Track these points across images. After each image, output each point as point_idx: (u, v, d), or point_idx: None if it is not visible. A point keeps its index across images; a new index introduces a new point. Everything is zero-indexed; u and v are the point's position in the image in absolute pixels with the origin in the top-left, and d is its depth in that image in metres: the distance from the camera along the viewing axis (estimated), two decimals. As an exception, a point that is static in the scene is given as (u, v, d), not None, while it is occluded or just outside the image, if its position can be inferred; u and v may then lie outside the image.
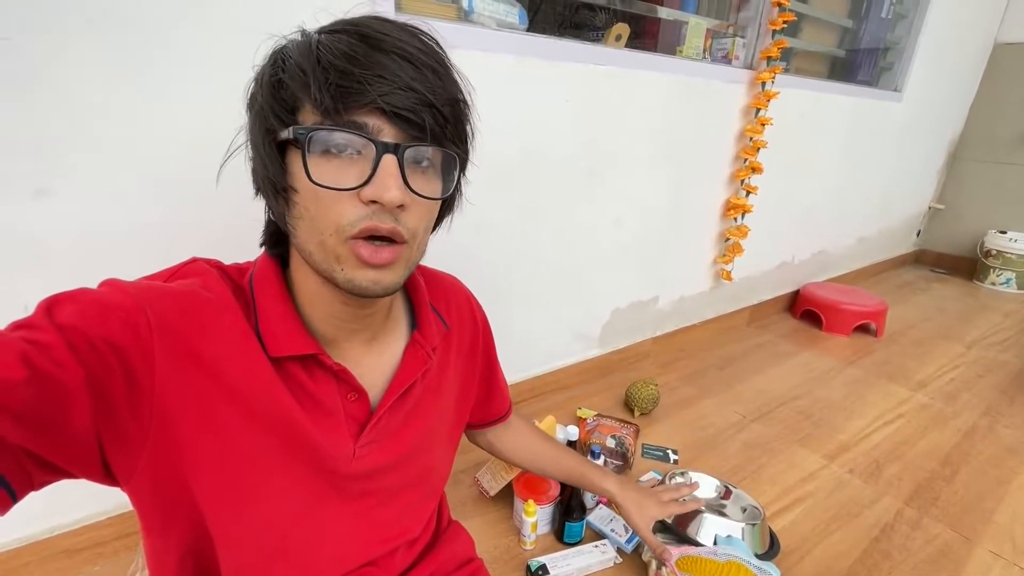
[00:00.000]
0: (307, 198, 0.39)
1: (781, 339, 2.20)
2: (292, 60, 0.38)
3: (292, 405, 0.44)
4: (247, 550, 0.46)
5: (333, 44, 0.37)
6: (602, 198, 1.54)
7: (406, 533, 0.59)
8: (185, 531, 0.44)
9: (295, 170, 0.40)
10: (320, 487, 0.48)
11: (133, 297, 0.37)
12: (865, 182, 2.62)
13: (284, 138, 0.39)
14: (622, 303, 1.76)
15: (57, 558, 0.94)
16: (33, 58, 0.72)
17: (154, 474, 0.39)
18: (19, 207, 0.77)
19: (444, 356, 0.58)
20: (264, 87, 0.40)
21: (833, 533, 1.16)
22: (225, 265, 0.47)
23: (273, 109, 0.39)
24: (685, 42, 1.60)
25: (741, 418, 1.60)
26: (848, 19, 2.25)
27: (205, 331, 0.40)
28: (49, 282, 0.45)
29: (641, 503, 0.86)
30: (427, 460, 0.58)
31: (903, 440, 1.51)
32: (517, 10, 1.20)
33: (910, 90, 2.55)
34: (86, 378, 0.33)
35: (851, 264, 2.88)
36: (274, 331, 0.43)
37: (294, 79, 0.38)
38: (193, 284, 0.42)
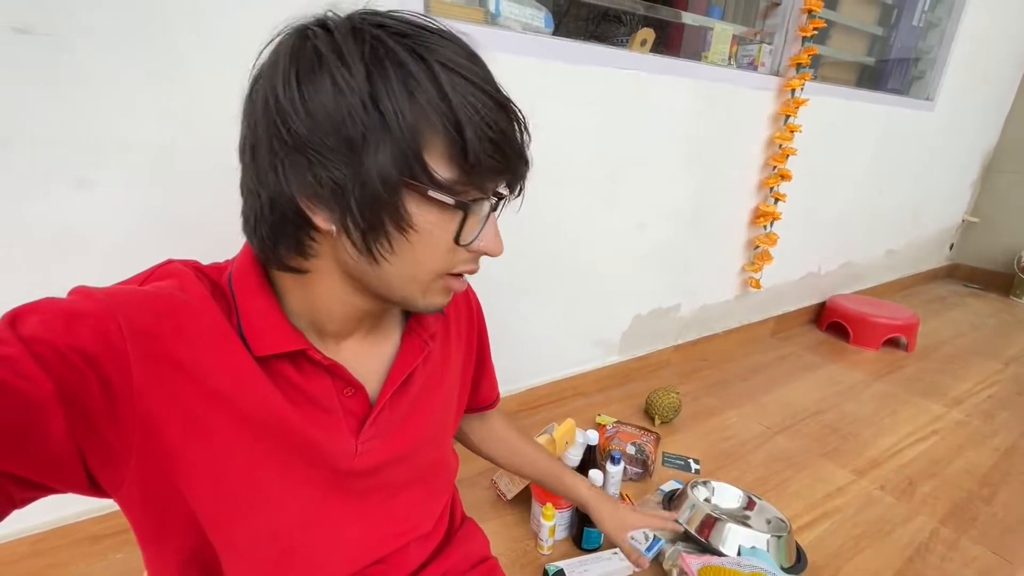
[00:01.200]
0: (422, 239, 0.40)
1: (806, 351, 2.15)
2: (427, 96, 0.36)
3: (283, 404, 0.42)
4: (252, 555, 0.45)
5: (474, 98, 0.36)
6: (625, 203, 1.53)
7: (417, 528, 0.57)
8: (183, 540, 0.42)
9: (411, 209, 0.38)
10: (324, 487, 0.46)
11: (102, 303, 0.35)
12: (895, 193, 2.56)
13: (432, 196, 0.38)
14: (643, 310, 1.74)
15: (83, 543, 0.95)
16: (79, 56, 0.75)
17: (144, 484, 0.38)
18: (58, 197, 0.79)
19: (444, 344, 0.57)
20: (402, 115, 0.36)
21: (864, 551, 1.11)
22: (202, 265, 0.45)
23: (411, 149, 0.36)
24: (710, 48, 1.59)
25: (765, 430, 1.55)
26: (878, 27, 2.22)
27: (183, 334, 0.38)
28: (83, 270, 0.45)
29: (616, 509, 0.83)
30: (435, 452, 0.57)
31: (938, 458, 1.45)
32: (543, 14, 1.21)
33: (942, 100, 2.48)
34: (57, 391, 0.31)
35: (880, 277, 2.81)
36: (257, 329, 0.42)
37: (434, 125, 0.36)
38: (168, 286, 0.40)
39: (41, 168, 0.77)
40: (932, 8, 2.34)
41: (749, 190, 1.87)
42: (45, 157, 0.77)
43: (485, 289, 1.30)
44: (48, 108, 0.76)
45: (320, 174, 0.36)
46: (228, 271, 0.44)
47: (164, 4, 0.79)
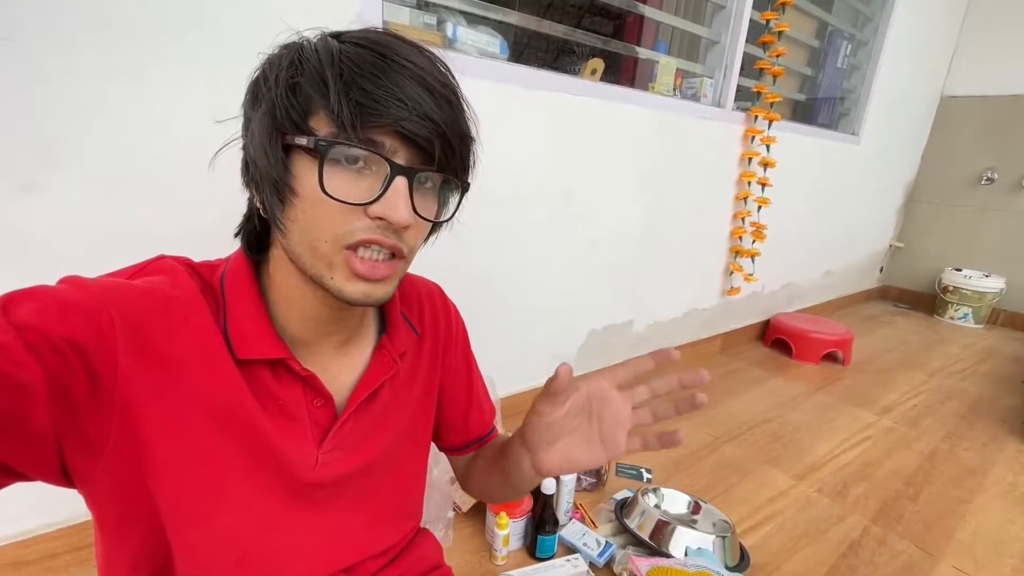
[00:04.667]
0: (308, 203, 0.39)
1: (752, 366, 2.26)
2: (311, 64, 0.38)
3: (255, 409, 0.43)
4: (207, 559, 0.44)
5: (356, 57, 0.37)
6: (578, 222, 1.60)
7: (377, 546, 0.56)
8: (142, 536, 0.42)
9: (299, 173, 0.39)
10: (284, 496, 0.46)
11: (95, 295, 0.36)
12: (831, 219, 2.77)
13: (297, 143, 0.38)
14: (598, 325, 1.80)
15: (3, 571, 0.89)
16: (33, 58, 0.75)
17: (114, 476, 0.38)
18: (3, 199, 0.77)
19: (415, 363, 0.56)
20: (278, 85, 0.38)
21: (802, 549, 1.17)
22: (194, 262, 0.45)
23: (287, 110, 0.38)
24: (657, 79, 1.70)
25: (713, 439, 1.62)
26: (807, 67, 2.43)
27: (170, 330, 0.39)
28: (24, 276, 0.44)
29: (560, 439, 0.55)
30: (396, 472, 0.56)
31: (869, 461, 1.55)
32: (498, 41, 1.27)
33: (866, 135, 2.73)
34: (46, 379, 0.32)
35: (818, 297, 3.00)
36: (243, 332, 0.42)
37: (313, 86, 0.37)
38: (159, 282, 0.41)
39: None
40: (854, 53, 2.59)
41: (698, 213, 1.98)
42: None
43: (442, 302, 1.33)
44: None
45: (245, 142, 0.42)
46: (221, 270, 0.45)
47: (128, 12, 0.80)
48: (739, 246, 2.19)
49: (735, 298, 2.33)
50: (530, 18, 1.38)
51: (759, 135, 2.01)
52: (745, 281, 2.24)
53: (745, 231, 2.15)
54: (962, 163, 3.20)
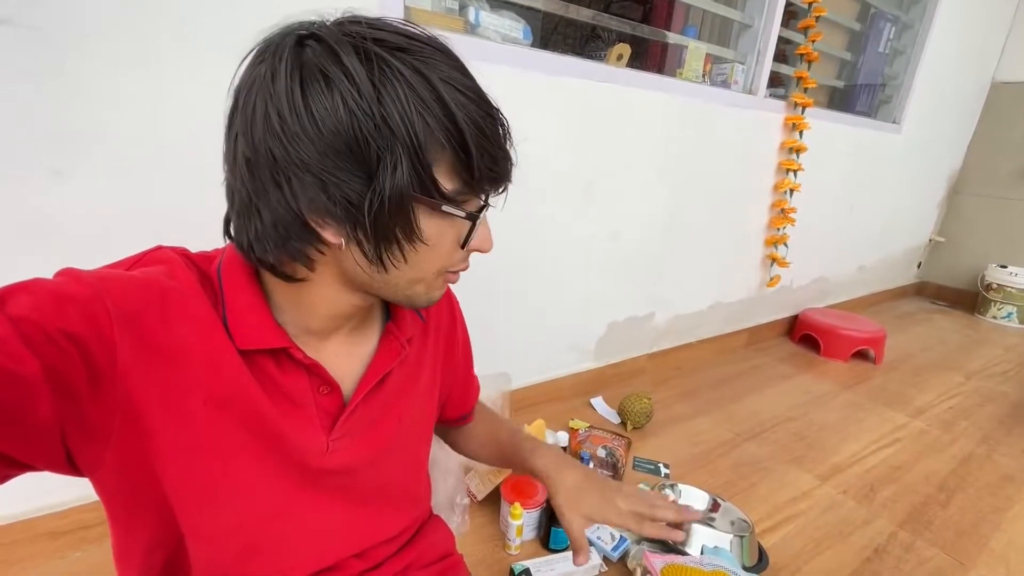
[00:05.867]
0: (436, 251, 0.43)
1: (778, 362, 2.20)
2: (437, 113, 0.37)
3: (262, 398, 0.43)
4: (219, 545, 0.46)
5: (478, 119, 0.39)
6: (600, 211, 1.57)
7: (386, 532, 0.57)
8: (153, 524, 0.43)
9: (425, 225, 0.41)
10: (294, 482, 0.47)
11: (91, 287, 0.36)
12: (866, 211, 2.65)
13: (445, 210, 0.40)
14: (618, 317, 1.77)
15: (40, 540, 0.94)
16: (58, 47, 0.76)
17: (122, 465, 0.39)
18: (34, 187, 0.80)
19: (421, 349, 0.57)
20: (413, 134, 0.37)
21: (824, 552, 1.14)
22: (191, 253, 0.46)
23: (420, 175, 0.38)
24: (685, 65, 1.65)
25: (734, 436, 1.58)
26: (847, 52, 2.32)
27: (170, 321, 0.39)
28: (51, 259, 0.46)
29: (579, 494, 0.59)
30: (405, 458, 0.57)
31: (899, 464, 1.50)
32: (522, 26, 1.25)
33: (908, 124, 2.60)
34: (44, 371, 0.32)
35: (851, 292, 2.89)
36: (242, 323, 0.43)
37: (440, 142, 0.38)
38: (157, 272, 0.41)
39: (17, 158, 0.78)
40: (898, 36, 2.46)
41: (726, 203, 1.93)
42: (21, 147, 0.78)
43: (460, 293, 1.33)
44: (25, 99, 0.76)
45: (333, 193, 0.37)
46: (218, 261, 0.45)
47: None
48: (777, 235, 2.12)
49: (765, 292, 2.27)
50: (555, 2, 1.34)
51: (798, 121, 1.93)
52: (779, 267, 2.17)
53: (786, 220, 2.08)
54: (1012, 153, 3.02)
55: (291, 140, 0.36)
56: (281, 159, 0.37)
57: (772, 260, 2.18)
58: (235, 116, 0.39)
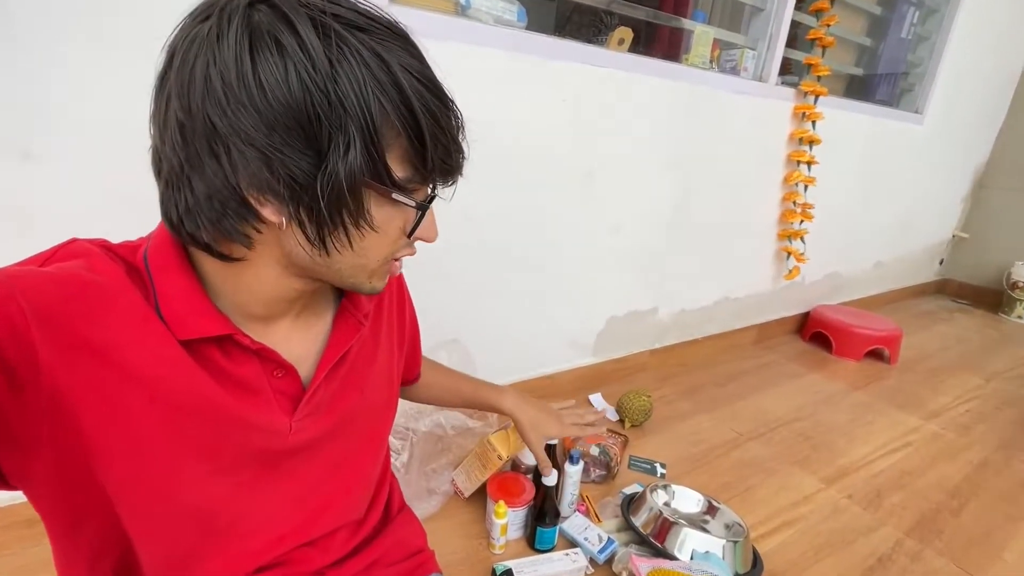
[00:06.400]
0: (383, 238, 0.42)
1: (787, 360, 2.13)
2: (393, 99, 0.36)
3: (212, 387, 0.41)
4: (172, 542, 0.44)
5: (433, 108, 0.38)
6: (601, 203, 1.52)
7: (348, 514, 0.57)
8: (97, 530, 0.41)
9: (375, 212, 0.40)
10: (256, 466, 0.46)
11: (2, 286, 0.33)
12: (884, 205, 2.55)
13: (395, 198, 0.39)
14: (619, 312, 1.73)
15: (17, 527, 0.93)
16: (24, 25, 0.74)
17: (56, 473, 0.37)
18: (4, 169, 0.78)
19: (376, 322, 0.57)
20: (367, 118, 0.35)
21: (823, 559, 1.09)
22: (111, 244, 0.43)
23: (374, 161, 0.37)
24: (691, 50, 1.58)
25: (737, 436, 1.53)
26: (867, 38, 2.22)
27: (94, 316, 0.36)
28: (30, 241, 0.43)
29: (538, 419, 0.88)
30: (366, 428, 0.57)
31: (909, 469, 1.43)
32: (516, 7, 1.20)
33: (931, 114, 2.48)
34: None
35: (867, 289, 2.79)
36: (177, 312, 0.40)
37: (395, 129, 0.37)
38: (75, 267, 0.38)
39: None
40: (922, 22, 2.34)
41: (734, 195, 1.86)
42: (-12, 128, 0.76)
43: (454, 286, 1.30)
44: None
45: (277, 169, 0.35)
46: (143, 249, 0.42)
47: (116, -21, 0.79)
48: (791, 229, 2.05)
49: (776, 287, 2.19)
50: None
51: (810, 111, 1.85)
52: (797, 261, 2.10)
53: (797, 214, 2.01)
54: (1043, 146, 2.88)
55: (235, 109, 0.34)
56: (221, 128, 0.34)
57: (788, 253, 2.10)
58: (168, 74, 0.36)
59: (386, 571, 0.61)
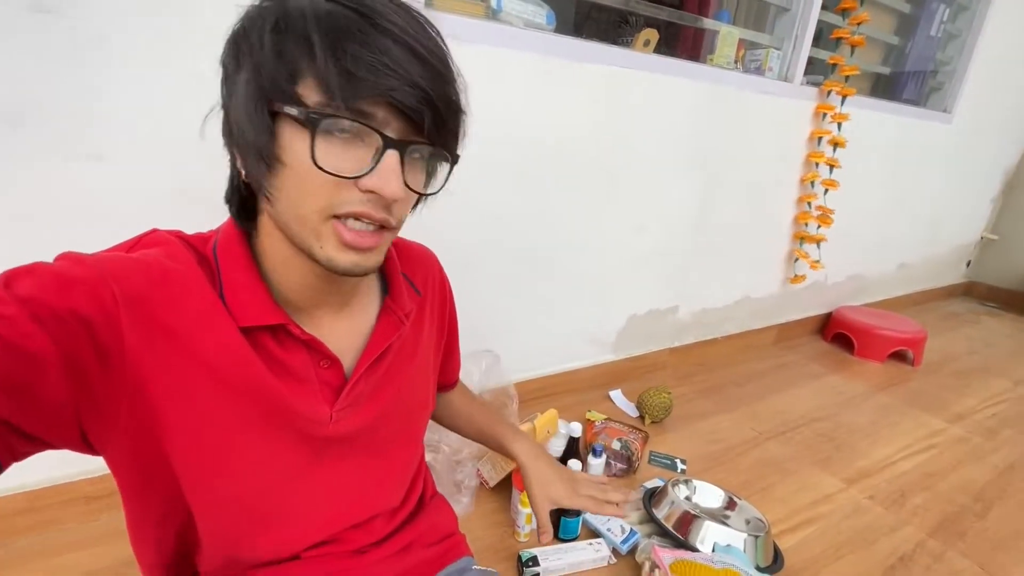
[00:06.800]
0: (297, 172, 0.38)
1: (808, 360, 2.12)
2: (296, 25, 0.36)
3: (265, 373, 0.44)
4: (225, 518, 0.47)
5: (342, 18, 0.35)
6: (624, 202, 1.54)
7: (387, 501, 0.59)
8: (162, 498, 0.44)
9: (286, 141, 0.38)
10: (300, 453, 0.48)
11: (94, 269, 0.36)
12: (910, 206, 2.52)
13: (286, 112, 0.37)
14: (639, 310, 1.75)
15: (76, 503, 0.99)
16: (90, 34, 0.80)
17: (131, 442, 0.40)
18: (75, 168, 0.84)
19: (418, 322, 0.58)
20: (263, 47, 0.36)
21: (844, 557, 1.10)
22: (186, 235, 0.46)
23: (273, 76, 0.36)
24: (716, 51, 1.59)
25: (757, 435, 1.54)
26: (894, 36, 2.19)
27: (172, 301, 0.40)
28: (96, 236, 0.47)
29: (548, 478, 0.70)
30: (402, 424, 0.59)
31: (933, 471, 1.43)
32: (545, 11, 1.23)
33: (960, 113, 2.44)
34: (54, 349, 0.33)
35: (891, 291, 2.76)
36: (240, 301, 0.43)
37: (299, 50, 0.35)
38: (156, 254, 0.41)
39: (58, 140, 0.82)
40: (952, 19, 2.31)
41: (756, 195, 1.86)
42: (62, 129, 0.82)
43: (476, 280, 1.33)
44: (66, 83, 0.80)
45: (225, 114, 0.41)
46: (213, 241, 0.45)
47: (173, -11, 0.83)
48: (804, 232, 2.04)
49: (795, 287, 2.19)
50: (580, -14, 1.32)
51: (831, 112, 1.84)
52: (811, 269, 2.09)
53: (811, 216, 2.00)
54: (1078, 146, 2.81)
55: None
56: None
57: (797, 257, 2.09)
58: None
59: (422, 552, 0.63)
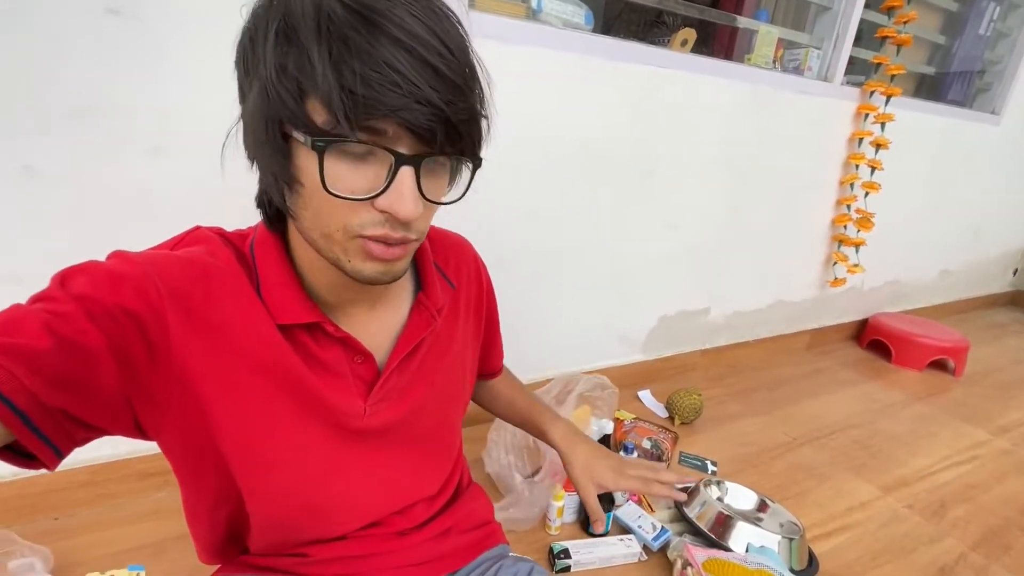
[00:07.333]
0: (314, 194, 0.37)
1: (843, 367, 2.08)
2: (296, 32, 0.34)
3: (301, 368, 0.45)
4: (274, 503, 0.49)
5: (344, 24, 0.33)
6: (658, 201, 1.54)
7: (423, 490, 0.60)
8: (215, 483, 0.46)
9: (301, 163, 0.37)
10: (338, 445, 0.50)
11: (141, 267, 0.38)
12: (953, 211, 2.44)
13: (295, 136, 0.36)
14: (671, 310, 1.74)
15: (130, 479, 1.05)
16: (159, 35, 0.85)
17: (182, 430, 0.42)
18: (136, 162, 0.89)
19: (452, 315, 0.58)
20: (267, 63, 0.35)
21: (882, 565, 1.08)
22: (226, 232, 0.48)
23: (279, 96, 0.34)
24: (754, 50, 1.58)
25: (790, 440, 1.52)
26: (940, 35, 2.13)
27: (214, 296, 0.41)
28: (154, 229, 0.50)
29: (591, 462, 0.68)
30: (437, 417, 0.59)
31: (975, 483, 1.38)
32: (584, 11, 1.24)
33: (1010, 114, 2.35)
34: (107, 343, 0.35)
35: (931, 298, 2.67)
36: (276, 299, 0.44)
37: (301, 66, 0.34)
38: (199, 251, 0.43)
39: (122, 136, 0.87)
40: (1003, 17, 2.22)
41: (793, 197, 1.83)
42: (126, 125, 0.87)
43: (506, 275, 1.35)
44: (130, 81, 0.85)
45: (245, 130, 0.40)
46: (251, 239, 0.46)
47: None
48: (843, 235, 2.00)
49: (831, 292, 2.14)
50: (619, -13, 1.32)
51: (873, 112, 1.80)
52: (849, 273, 2.04)
53: (851, 219, 1.95)
54: None
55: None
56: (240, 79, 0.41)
57: (836, 261, 2.05)
58: None
59: (460, 538, 0.64)
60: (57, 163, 0.84)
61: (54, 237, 0.87)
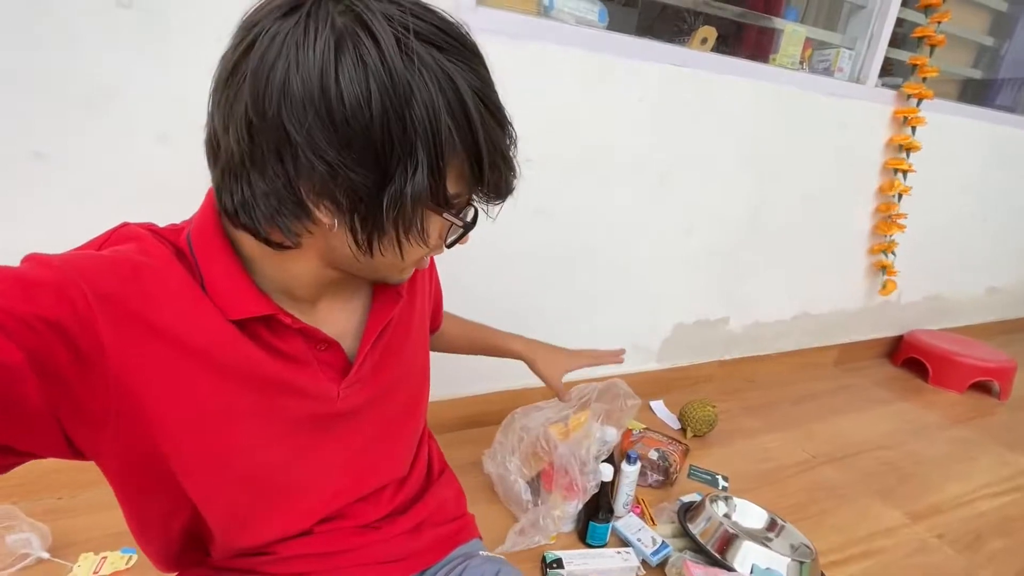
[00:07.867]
0: (419, 242, 0.42)
1: (874, 385, 1.96)
2: (453, 135, 0.37)
3: (261, 357, 0.43)
4: (233, 505, 0.47)
5: (494, 135, 0.40)
6: (675, 205, 1.49)
7: (393, 471, 0.60)
8: (164, 497, 0.44)
9: (426, 224, 0.42)
10: (305, 432, 0.49)
11: (60, 271, 0.35)
12: (1002, 224, 2.28)
13: (445, 217, 0.42)
14: (687, 319, 1.68)
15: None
16: (167, 27, 0.87)
17: (124, 445, 0.39)
18: (143, 149, 0.91)
19: (410, 292, 0.59)
20: (438, 155, 0.37)
21: (905, 597, 0.99)
22: (158, 227, 0.44)
23: (435, 188, 0.39)
24: (779, 50, 1.52)
25: (810, 458, 1.43)
26: (988, 36, 2.01)
27: (150, 296, 0.38)
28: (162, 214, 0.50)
29: (550, 358, 0.93)
30: (407, 392, 0.60)
31: (1016, 516, 1.27)
32: (597, 8, 1.22)
33: (1067, 121, 2.19)
34: (25, 357, 0.31)
35: (974, 316, 2.50)
36: (224, 293, 0.42)
37: (465, 163, 0.39)
38: (127, 250, 0.40)
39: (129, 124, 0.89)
40: (1059, 18, 2.08)
41: (820, 203, 1.75)
42: (136, 113, 0.89)
43: (520, 279, 1.33)
44: (137, 70, 0.87)
45: (342, 181, 0.36)
46: (186, 232, 0.43)
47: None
48: (885, 242, 1.90)
49: (863, 305, 2.03)
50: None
51: (913, 115, 1.70)
52: (888, 275, 1.94)
53: (887, 229, 1.86)
54: None
55: (312, 122, 0.34)
56: (295, 137, 0.34)
57: (882, 268, 1.94)
58: (242, 65, 0.36)
59: (433, 531, 0.64)
60: (66, 149, 0.86)
61: (63, 222, 0.89)
